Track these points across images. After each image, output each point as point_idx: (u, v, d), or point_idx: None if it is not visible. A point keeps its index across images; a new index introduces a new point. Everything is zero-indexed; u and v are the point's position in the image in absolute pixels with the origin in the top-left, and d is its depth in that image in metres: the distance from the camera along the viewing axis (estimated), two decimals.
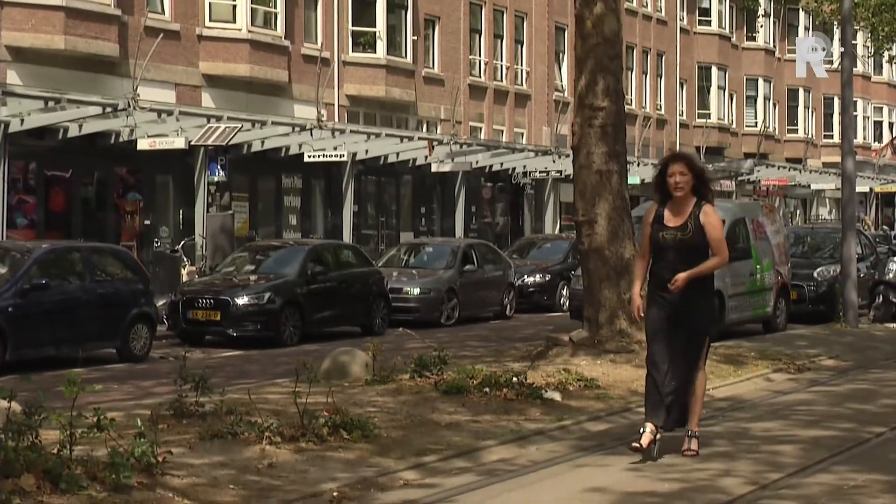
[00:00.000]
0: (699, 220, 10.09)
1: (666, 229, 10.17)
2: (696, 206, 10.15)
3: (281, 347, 21.26)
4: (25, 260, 18.61)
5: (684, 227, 10.10)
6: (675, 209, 10.20)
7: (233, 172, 31.72)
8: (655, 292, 10.28)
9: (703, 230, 10.09)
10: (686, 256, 10.07)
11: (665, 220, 10.20)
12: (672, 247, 10.12)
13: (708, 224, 10.11)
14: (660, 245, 10.20)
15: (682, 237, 10.09)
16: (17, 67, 28.06)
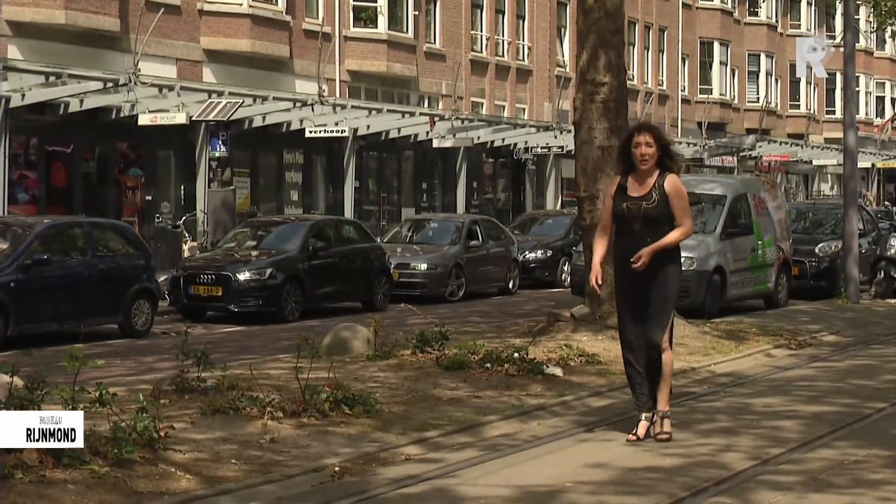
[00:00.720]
0: (664, 188, 9.70)
1: (630, 200, 9.74)
2: (659, 176, 9.76)
3: (282, 323, 21.29)
4: (27, 235, 18.61)
5: (648, 196, 9.71)
6: (639, 180, 9.79)
7: (234, 148, 31.68)
8: (621, 268, 9.90)
9: (668, 200, 9.70)
10: (651, 227, 9.67)
11: (628, 191, 9.79)
12: (636, 217, 9.70)
13: (673, 193, 9.71)
14: (623, 217, 9.77)
15: (647, 207, 9.68)
16: (17, 42, 28.01)
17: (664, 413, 9.84)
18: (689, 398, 12.40)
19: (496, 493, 8.09)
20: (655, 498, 8.01)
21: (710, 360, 14.83)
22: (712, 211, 22.46)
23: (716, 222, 22.11)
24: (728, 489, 8.30)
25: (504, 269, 28.68)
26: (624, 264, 9.75)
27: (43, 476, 7.66)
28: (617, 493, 8.16)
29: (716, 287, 21.48)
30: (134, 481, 7.87)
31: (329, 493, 8.12)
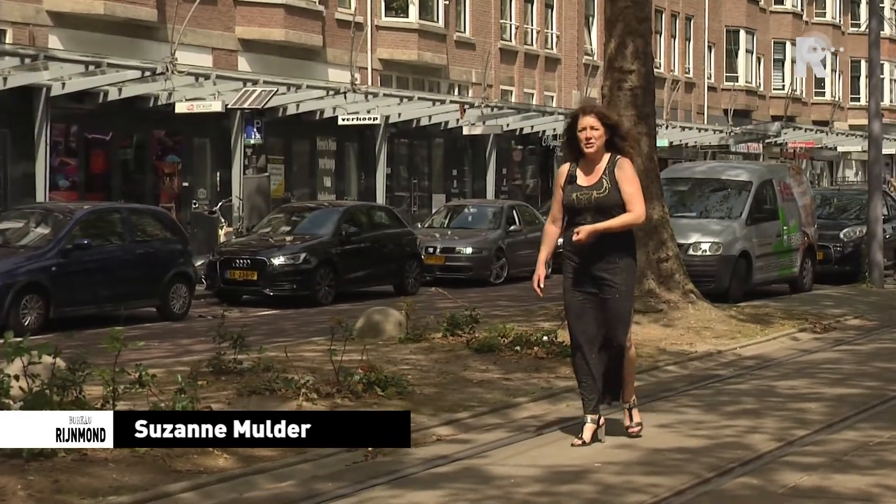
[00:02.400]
0: (614, 175, 8.85)
1: (580, 189, 8.88)
2: (609, 162, 8.89)
3: (316, 306, 21.31)
4: (67, 221, 18.69)
5: (599, 184, 8.85)
6: (588, 167, 8.93)
7: (268, 135, 31.74)
8: (571, 261, 9.02)
9: (619, 186, 8.86)
10: (603, 217, 8.82)
11: (578, 180, 8.92)
12: (587, 208, 8.85)
13: (622, 178, 8.83)
14: (574, 207, 8.91)
15: (598, 196, 8.82)
16: (57, 32, 28.14)
17: (633, 403, 9.28)
18: (716, 381, 12.40)
19: (526, 473, 8.10)
20: (682, 478, 8.01)
21: (735, 344, 14.81)
22: (738, 197, 22.37)
23: (741, 208, 22.03)
24: (753, 470, 8.29)
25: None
26: (574, 255, 8.96)
27: (84, 454, 7.71)
28: (644, 472, 8.16)
29: (741, 271, 21.40)
30: (173, 460, 7.91)
31: (362, 473, 8.15)
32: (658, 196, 16.62)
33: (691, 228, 21.14)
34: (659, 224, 16.45)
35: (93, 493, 7.17)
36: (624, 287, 8.91)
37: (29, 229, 19.25)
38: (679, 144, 48.16)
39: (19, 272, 17.45)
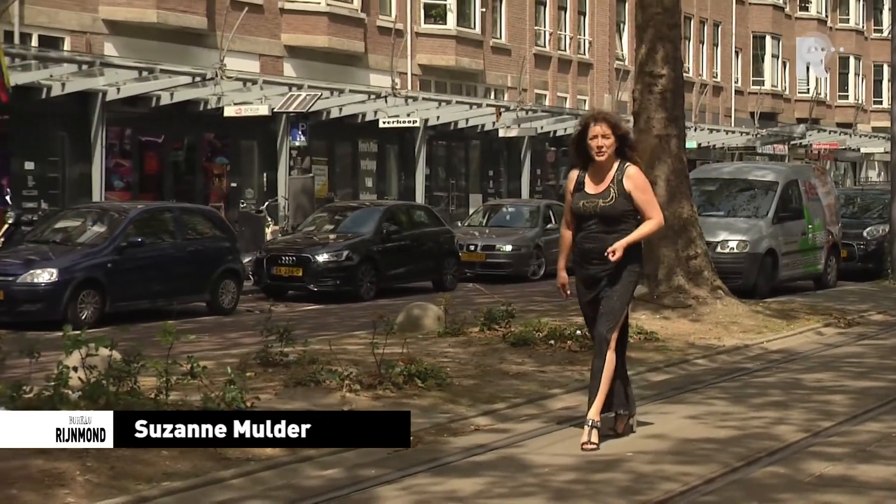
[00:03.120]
0: (622, 184, 8.54)
1: (587, 197, 8.59)
2: (618, 170, 8.59)
3: (358, 302, 21.33)
4: (122, 219, 18.79)
5: (606, 193, 8.55)
6: (597, 174, 8.63)
7: (313, 137, 31.81)
8: (580, 267, 8.78)
9: (629, 196, 8.55)
10: (609, 225, 8.55)
11: (586, 187, 8.64)
12: (594, 216, 8.57)
13: (635, 188, 8.56)
14: (581, 214, 8.64)
15: (605, 205, 8.54)
16: (113, 40, 28.30)
17: (593, 422, 8.50)
18: (743, 374, 12.35)
19: (561, 462, 8.09)
20: (711, 467, 7.98)
21: (762, 338, 14.74)
22: (764, 196, 22.28)
23: (768, 207, 21.92)
24: (780, 460, 8.25)
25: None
26: (583, 263, 8.72)
27: None
28: (675, 462, 8.14)
29: (767, 268, 21.30)
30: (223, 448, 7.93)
31: (404, 461, 8.14)
32: (687, 195, 16.56)
33: (719, 227, 21.06)
34: (688, 222, 16.38)
35: (148, 478, 7.21)
36: (620, 289, 8.61)
37: (86, 228, 19.37)
38: (707, 146, 47.95)
39: (77, 269, 17.55)
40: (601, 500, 7.15)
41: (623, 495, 7.28)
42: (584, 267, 8.72)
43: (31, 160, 25.98)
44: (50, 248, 18.25)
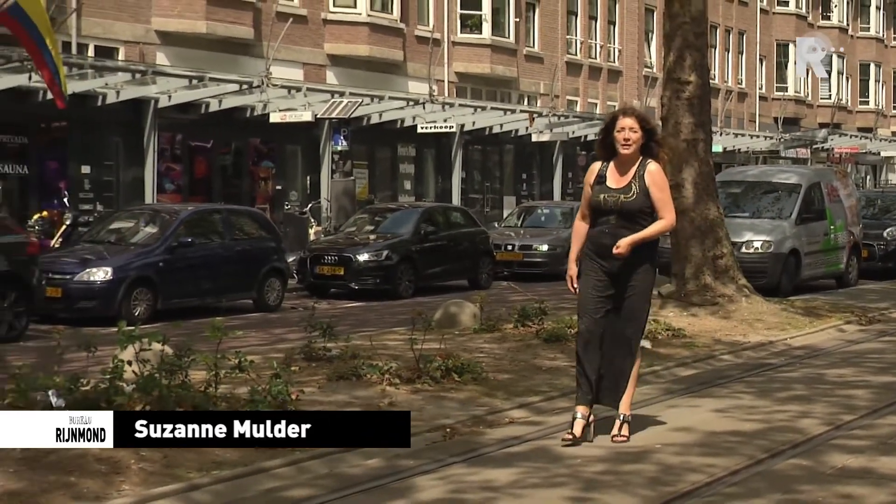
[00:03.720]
0: (644, 180, 8.21)
1: (608, 191, 8.26)
2: (640, 166, 8.26)
3: (397, 299, 21.36)
4: (173, 221, 18.89)
5: (627, 188, 8.22)
6: (620, 168, 8.31)
7: (354, 142, 31.84)
8: (592, 260, 8.39)
9: (648, 191, 8.22)
10: (628, 221, 8.20)
11: (607, 181, 8.31)
12: (613, 210, 8.23)
13: (653, 184, 8.21)
14: (600, 208, 8.29)
15: (625, 200, 8.20)
16: (164, 50, 28.46)
17: (626, 417, 8.41)
18: (768, 369, 12.28)
19: (592, 454, 8.06)
20: (737, 459, 7.93)
21: (786, 335, 14.65)
22: (788, 198, 22.16)
23: (791, 208, 21.81)
24: (804, 452, 8.20)
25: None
26: (596, 255, 8.35)
27: None
28: (701, 454, 8.10)
29: (791, 268, 21.19)
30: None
31: (442, 451, 8.16)
32: (714, 197, 16.49)
33: (745, 227, 20.96)
34: (714, 223, 16.31)
35: (199, 467, 7.24)
36: (642, 289, 8.34)
37: (139, 228, 19.49)
38: (733, 150, 47.72)
39: (130, 267, 17.67)
40: (630, 491, 7.12)
41: (651, 486, 7.25)
42: (598, 261, 8.33)
43: (87, 164, 26.16)
44: (105, 248, 18.37)
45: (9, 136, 24.94)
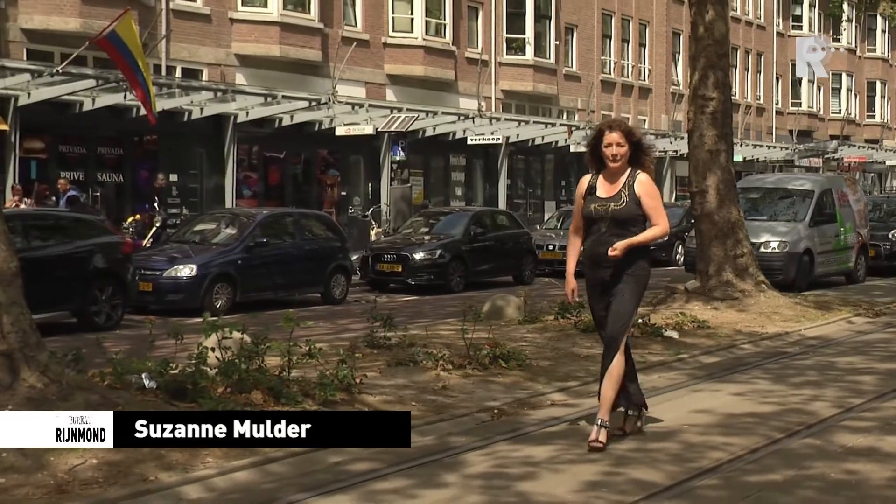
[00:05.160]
0: (634, 189, 7.64)
1: (598, 201, 7.67)
2: (630, 176, 7.69)
3: (449, 294, 21.34)
4: (250, 223, 19.00)
5: (617, 197, 7.63)
6: (609, 179, 7.72)
7: (411, 153, 31.91)
8: (588, 271, 7.85)
9: (639, 200, 7.63)
10: (618, 229, 7.59)
11: (597, 192, 7.73)
12: (605, 219, 7.63)
13: (644, 194, 7.63)
14: (591, 217, 7.70)
15: (616, 208, 7.61)
16: (242, 71, 28.66)
17: (602, 422, 7.56)
18: (784, 357, 12.18)
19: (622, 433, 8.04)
20: (755, 438, 7.89)
21: (800, 326, 14.53)
22: (802, 203, 21.94)
23: (805, 212, 21.59)
24: (816, 432, 8.14)
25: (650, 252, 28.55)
26: (592, 266, 7.79)
27: None
28: (722, 433, 8.05)
29: (805, 266, 20.99)
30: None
31: (490, 430, 8.17)
32: (735, 202, 16.37)
33: (762, 229, 20.78)
34: (735, 225, 16.21)
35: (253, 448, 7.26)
36: (629, 292, 7.65)
37: (220, 230, 19.61)
38: (751, 159, 47.31)
39: (213, 264, 17.78)
40: (656, 466, 7.10)
41: (676, 462, 7.22)
42: (593, 270, 7.76)
43: (174, 173, 26.41)
44: (190, 247, 18.51)
45: (107, 148, 25.24)
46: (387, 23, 33.05)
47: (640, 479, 6.77)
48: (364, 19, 32.32)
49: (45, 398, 7.07)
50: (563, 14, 40.12)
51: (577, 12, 41.28)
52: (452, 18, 34.81)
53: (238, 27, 28.52)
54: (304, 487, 6.53)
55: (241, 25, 28.54)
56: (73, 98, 23.23)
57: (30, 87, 22.20)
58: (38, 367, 7.29)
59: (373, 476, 6.83)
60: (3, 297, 7.30)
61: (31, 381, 7.18)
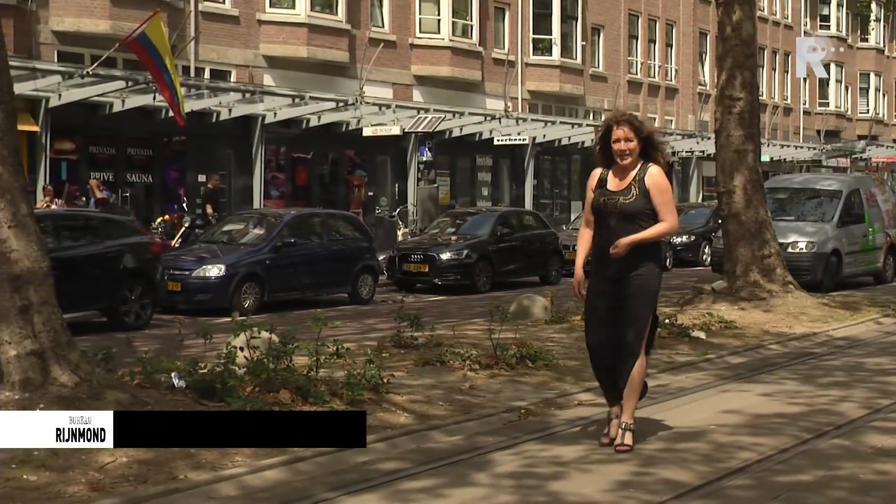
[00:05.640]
0: (644, 182, 7.33)
1: (608, 194, 7.39)
2: (641, 169, 7.38)
3: (475, 294, 21.30)
4: (278, 223, 19.05)
5: (627, 190, 7.34)
6: (620, 173, 7.43)
7: (437, 153, 31.95)
8: (597, 264, 7.54)
9: (649, 193, 7.32)
10: (628, 223, 7.30)
11: (608, 185, 7.45)
12: (613, 213, 7.35)
13: (654, 186, 7.31)
14: (601, 212, 7.42)
15: (625, 202, 7.32)
16: (270, 72, 28.74)
17: (627, 425, 7.41)
18: (811, 358, 12.11)
19: (652, 433, 8.00)
20: (783, 439, 7.84)
21: (828, 327, 14.44)
22: (830, 203, 21.81)
23: (833, 212, 21.47)
24: (845, 433, 8.08)
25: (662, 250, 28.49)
26: (599, 260, 7.48)
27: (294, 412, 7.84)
28: (751, 434, 8.01)
29: (833, 266, 20.86)
30: None
31: (517, 430, 8.15)
32: (762, 202, 16.30)
33: (790, 230, 20.67)
34: (763, 226, 16.13)
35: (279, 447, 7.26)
36: (642, 292, 7.32)
37: (248, 230, 19.67)
38: (779, 159, 47.08)
39: (241, 264, 17.83)
40: (686, 466, 7.06)
41: (705, 462, 7.18)
42: (600, 265, 7.46)
43: (203, 173, 26.51)
44: (218, 248, 18.57)
45: (136, 149, 25.38)
46: (414, 24, 33.07)
47: (669, 479, 6.73)
48: (391, 20, 32.35)
49: (76, 397, 7.11)
50: (589, 15, 40.04)
51: (604, 13, 41.19)
52: (479, 19, 34.79)
53: (266, 28, 28.61)
54: (333, 486, 6.53)
55: (268, 27, 28.62)
56: (103, 99, 23.37)
57: (60, 88, 22.36)
58: (69, 366, 7.33)
59: (401, 475, 6.83)
60: (35, 296, 7.35)
61: (62, 380, 7.22)
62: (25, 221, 7.44)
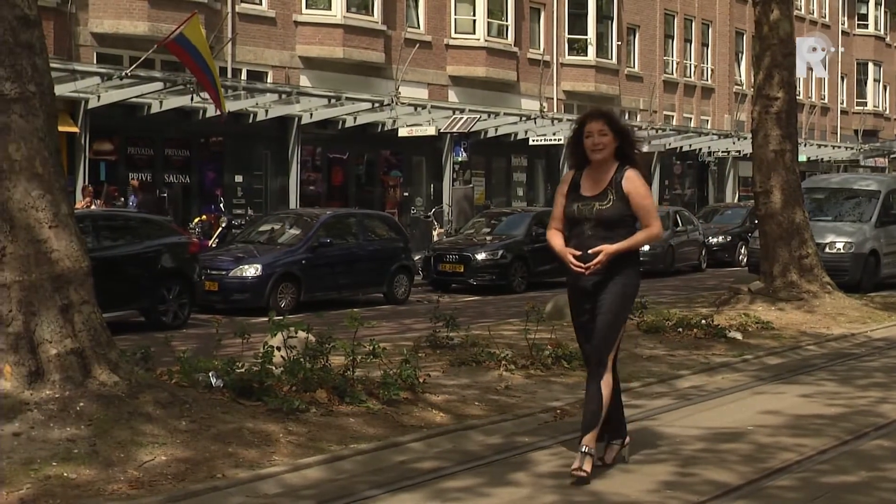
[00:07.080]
0: (621, 187, 6.66)
1: (582, 200, 6.71)
2: (617, 172, 6.72)
3: (511, 294, 21.30)
4: (314, 224, 19.09)
5: (603, 195, 6.67)
6: (594, 175, 6.76)
7: (473, 154, 31.93)
8: (571, 277, 6.77)
9: (627, 199, 6.66)
10: (604, 230, 6.63)
11: (581, 190, 6.76)
12: (588, 219, 6.67)
13: (633, 191, 6.65)
14: (574, 218, 6.73)
15: (601, 208, 6.64)
16: (307, 73, 28.82)
17: (588, 449, 6.60)
18: (850, 358, 11.99)
19: (689, 433, 7.96)
20: (824, 440, 7.76)
21: (866, 328, 14.30)
22: (868, 203, 21.59)
23: (871, 213, 21.26)
24: (885, 434, 8.00)
25: (697, 249, 28.44)
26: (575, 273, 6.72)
27: (331, 411, 7.85)
28: (791, 435, 7.94)
29: (871, 267, 20.66)
30: (400, 417, 8.01)
31: (553, 430, 8.12)
32: (800, 202, 16.16)
33: (828, 230, 20.50)
34: (800, 226, 16.00)
35: (339, 440, 7.31)
36: (615, 304, 6.64)
37: (284, 230, 19.73)
38: (816, 159, 46.71)
39: (277, 264, 17.89)
40: (727, 467, 7.01)
41: (747, 463, 7.13)
42: (576, 277, 6.70)
43: (240, 174, 26.65)
44: (255, 248, 18.64)
45: (174, 149, 25.53)
46: (449, 24, 33.07)
47: (711, 479, 6.68)
48: (427, 21, 32.36)
49: (116, 395, 7.15)
50: (625, 14, 39.89)
51: (640, 13, 41.02)
52: (514, 19, 34.75)
53: (302, 29, 28.70)
54: (374, 485, 6.53)
55: (305, 28, 28.71)
56: (141, 100, 23.53)
57: (99, 89, 22.53)
58: (108, 365, 7.37)
59: (441, 474, 6.82)
60: (75, 296, 7.40)
61: (101, 379, 7.26)
62: (66, 221, 7.49)
